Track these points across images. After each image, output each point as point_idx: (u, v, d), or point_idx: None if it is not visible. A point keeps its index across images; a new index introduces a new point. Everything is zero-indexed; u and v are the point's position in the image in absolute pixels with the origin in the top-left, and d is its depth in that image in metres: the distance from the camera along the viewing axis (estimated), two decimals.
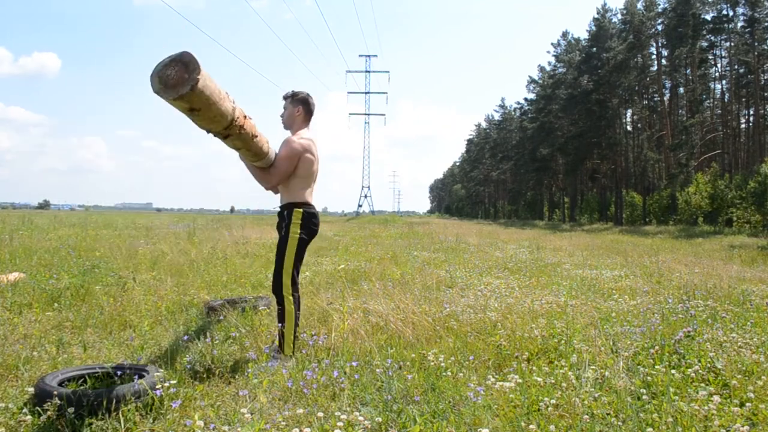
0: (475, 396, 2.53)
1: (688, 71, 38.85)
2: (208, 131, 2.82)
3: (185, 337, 3.74)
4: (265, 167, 3.52)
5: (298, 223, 3.48)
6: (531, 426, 2.22)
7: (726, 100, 40.02)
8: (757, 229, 24.38)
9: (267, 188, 3.64)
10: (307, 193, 3.60)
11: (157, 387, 2.54)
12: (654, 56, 41.35)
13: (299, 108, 3.64)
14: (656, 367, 2.96)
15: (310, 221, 3.55)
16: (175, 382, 2.62)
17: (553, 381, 2.79)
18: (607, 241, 18.05)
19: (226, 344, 3.60)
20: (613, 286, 6.37)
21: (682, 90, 40.59)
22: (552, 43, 61.25)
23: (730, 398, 2.60)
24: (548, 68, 55.34)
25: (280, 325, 3.39)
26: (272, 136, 3.48)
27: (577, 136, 43.66)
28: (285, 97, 3.68)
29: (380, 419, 2.35)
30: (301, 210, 3.52)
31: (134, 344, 3.70)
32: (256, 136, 3.15)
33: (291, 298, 3.41)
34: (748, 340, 3.48)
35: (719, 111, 41.10)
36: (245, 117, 2.96)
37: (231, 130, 2.84)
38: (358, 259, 9.14)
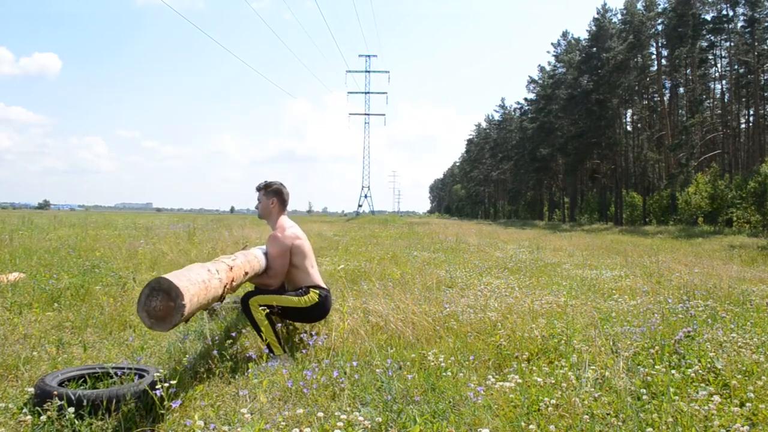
0: (475, 396, 2.53)
1: (688, 71, 38.87)
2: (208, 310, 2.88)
3: (185, 337, 3.74)
4: (261, 273, 3.54)
5: (315, 300, 3.51)
6: (531, 426, 2.22)
7: (726, 100, 40.02)
8: (757, 229, 24.37)
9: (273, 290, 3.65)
10: (313, 273, 3.61)
11: (157, 387, 2.54)
12: (654, 56, 41.36)
13: (273, 200, 3.66)
14: (656, 367, 2.95)
15: (326, 302, 3.58)
16: (175, 382, 2.62)
17: (553, 381, 2.78)
18: (607, 241, 18.04)
19: (226, 344, 3.61)
20: (613, 286, 6.37)
21: (682, 90, 40.61)
22: (552, 43, 61.22)
23: (730, 398, 2.60)
24: (548, 68, 55.33)
25: (260, 333, 3.38)
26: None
27: (577, 136, 43.67)
28: (258, 189, 3.69)
29: (380, 419, 2.35)
30: (317, 291, 3.54)
31: (134, 344, 3.70)
32: (247, 273, 3.19)
33: (256, 305, 3.38)
34: (748, 340, 3.47)
35: (719, 111, 41.08)
36: (231, 269, 2.95)
37: (224, 293, 2.89)
38: (358, 259, 9.13)
